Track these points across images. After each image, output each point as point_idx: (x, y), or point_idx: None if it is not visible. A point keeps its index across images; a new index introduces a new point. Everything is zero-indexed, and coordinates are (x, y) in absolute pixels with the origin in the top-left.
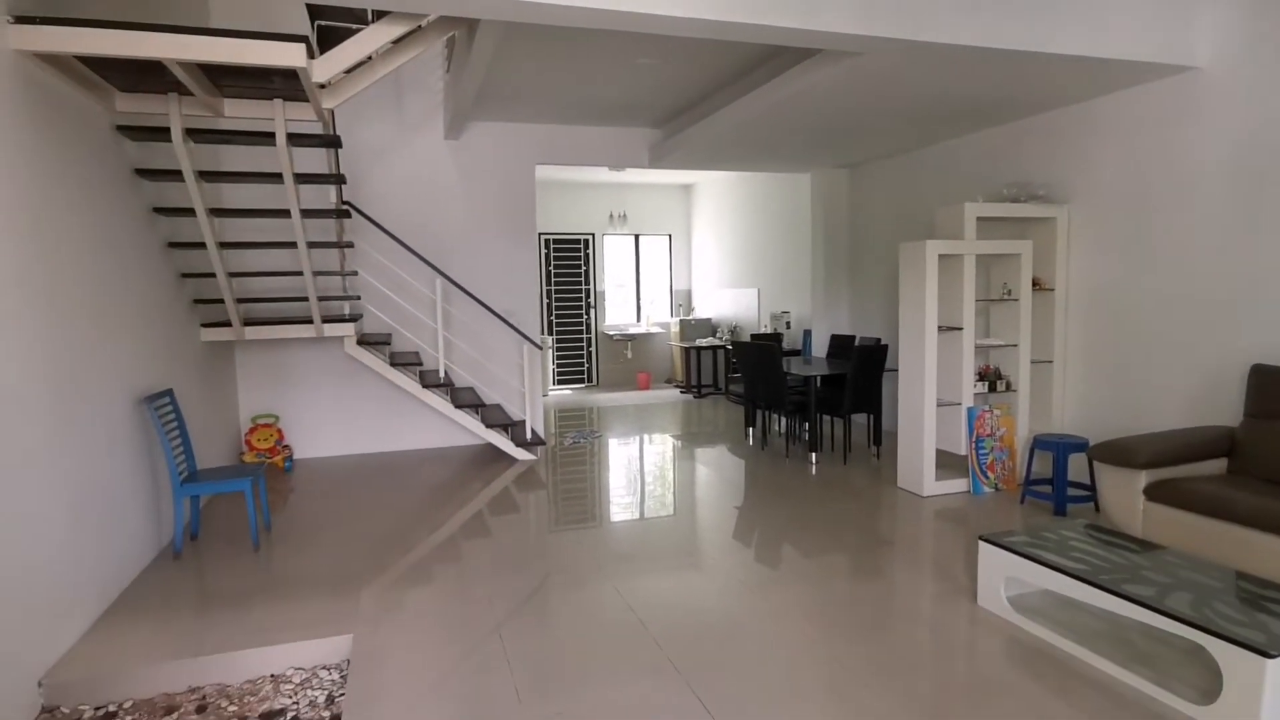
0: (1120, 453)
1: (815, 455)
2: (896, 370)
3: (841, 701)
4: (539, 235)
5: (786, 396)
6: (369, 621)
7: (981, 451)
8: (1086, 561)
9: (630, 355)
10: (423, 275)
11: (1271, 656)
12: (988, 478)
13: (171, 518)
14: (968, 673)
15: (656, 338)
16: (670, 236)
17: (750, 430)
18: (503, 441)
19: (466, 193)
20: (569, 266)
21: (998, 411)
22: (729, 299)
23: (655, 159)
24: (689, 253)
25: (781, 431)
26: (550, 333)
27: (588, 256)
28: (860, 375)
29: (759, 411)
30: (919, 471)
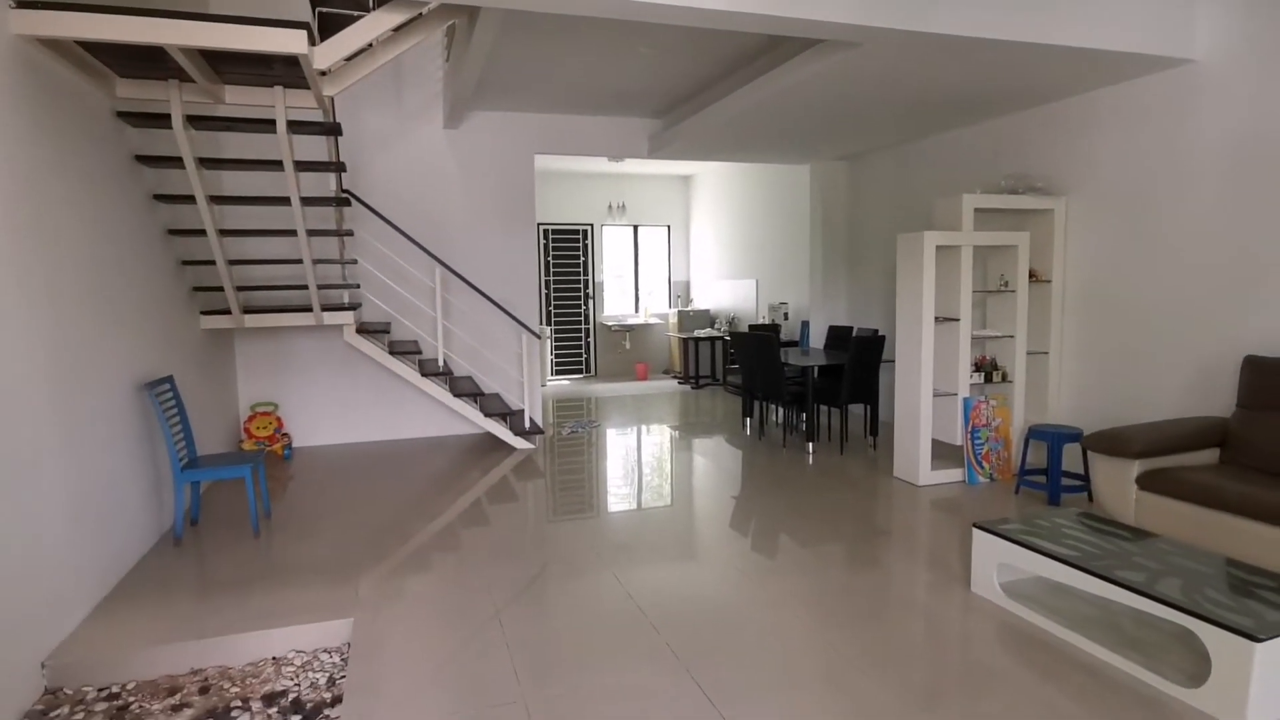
0: (1114, 442)
1: (812, 445)
2: (893, 361)
3: (837, 687)
4: (538, 225)
5: (784, 387)
6: (369, 607)
7: (977, 441)
8: (1078, 548)
9: (628, 346)
10: (422, 264)
11: (1259, 640)
12: (983, 468)
13: (172, 504)
14: (961, 658)
15: (655, 328)
16: (669, 227)
17: (748, 420)
18: (501, 430)
19: (466, 182)
20: (568, 257)
21: (994, 402)
22: (727, 290)
23: (654, 149)
24: (687, 244)
25: (779, 422)
26: (549, 323)
27: (586, 247)
28: (857, 366)
29: (756, 402)
30: (915, 461)
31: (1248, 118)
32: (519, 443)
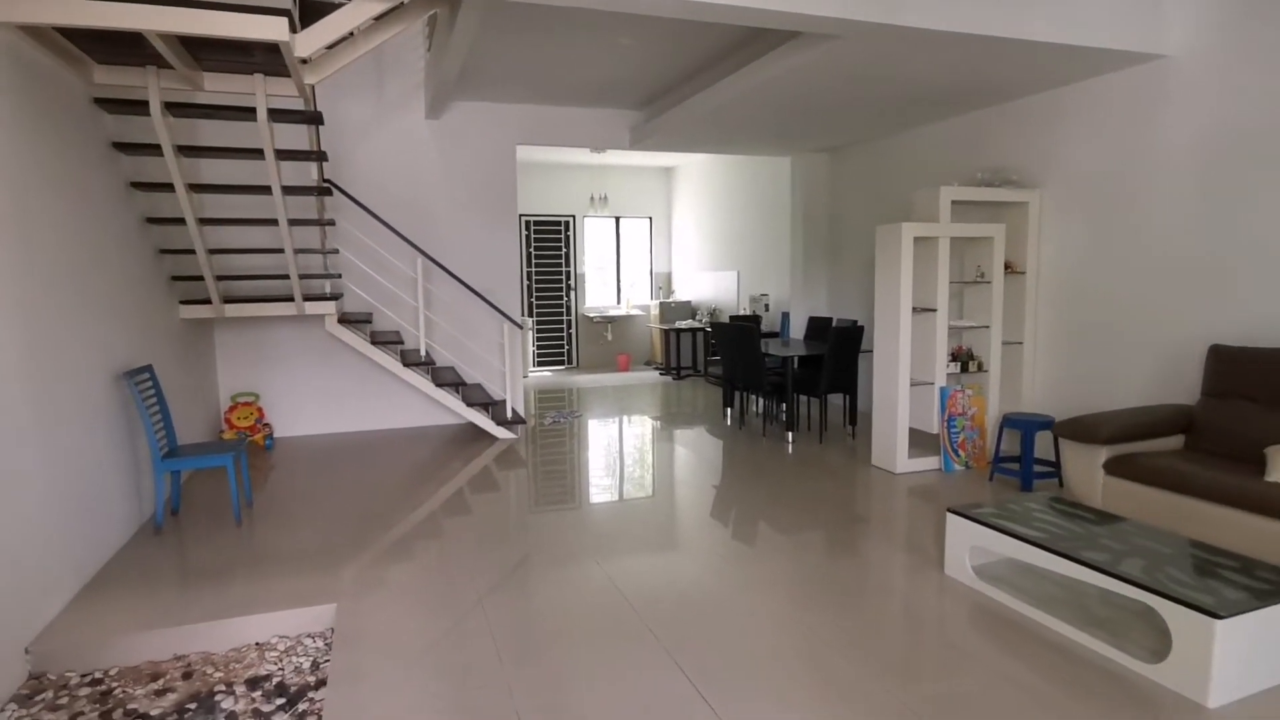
0: (1083, 429)
1: (792, 435)
2: (872, 351)
3: (815, 667)
4: (520, 216)
5: (764, 377)
6: (352, 594)
7: (953, 430)
8: (1047, 530)
9: (610, 337)
10: (404, 254)
11: (1221, 618)
12: (959, 455)
13: (152, 493)
14: (935, 638)
15: (636, 320)
16: (651, 219)
17: (728, 411)
18: (483, 420)
19: (447, 172)
20: (549, 248)
21: (969, 391)
22: (709, 281)
23: (636, 140)
24: (669, 235)
25: (759, 412)
26: (531, 314)
27: (568, 238)
28: (837, 356)
29: (737, 392)
30: (892, 450)
31: (1217, 112)
32: (501, 433)
